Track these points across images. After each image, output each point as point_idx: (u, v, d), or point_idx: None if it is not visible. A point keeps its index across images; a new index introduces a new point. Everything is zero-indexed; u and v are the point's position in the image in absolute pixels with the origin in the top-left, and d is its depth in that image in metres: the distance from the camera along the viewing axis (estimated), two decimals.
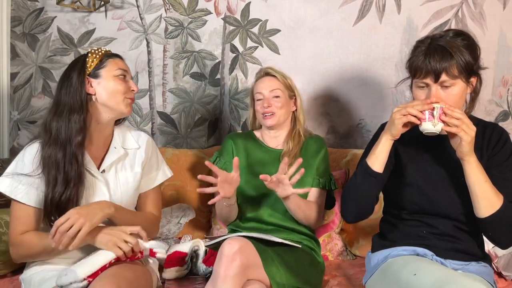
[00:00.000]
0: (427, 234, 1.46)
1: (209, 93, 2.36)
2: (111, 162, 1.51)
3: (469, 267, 1.41)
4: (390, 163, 1.48)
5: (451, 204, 1.43)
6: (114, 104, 1.49)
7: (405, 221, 1.50)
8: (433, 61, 1.36)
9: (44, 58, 2.33)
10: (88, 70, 1.48)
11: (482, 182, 1.34)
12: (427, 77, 1.38)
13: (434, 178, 1.46)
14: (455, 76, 1.36)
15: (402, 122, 1.37)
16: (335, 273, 1.80)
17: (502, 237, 1.41)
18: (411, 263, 1.34)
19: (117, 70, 1.50)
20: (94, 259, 1.34)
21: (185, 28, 2.33)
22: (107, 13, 2.32)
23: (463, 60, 1.36)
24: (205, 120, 2.38)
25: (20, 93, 2.34)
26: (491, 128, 1.48)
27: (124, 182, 1.53)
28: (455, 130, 1.31)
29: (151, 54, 2.34)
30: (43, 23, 2.32)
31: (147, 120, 2.37)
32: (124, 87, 1.50)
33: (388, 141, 1.42)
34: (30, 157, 1.43)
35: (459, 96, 1.39)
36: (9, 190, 1.41)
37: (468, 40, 1.40)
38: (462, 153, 1.33)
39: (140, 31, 2.33)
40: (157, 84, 2.35)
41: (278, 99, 1.79)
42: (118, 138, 1.56)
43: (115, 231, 1.38)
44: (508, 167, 1.42)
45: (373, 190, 1.48)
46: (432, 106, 1.33)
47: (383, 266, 1.44)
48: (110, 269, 1.32)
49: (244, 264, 1.34)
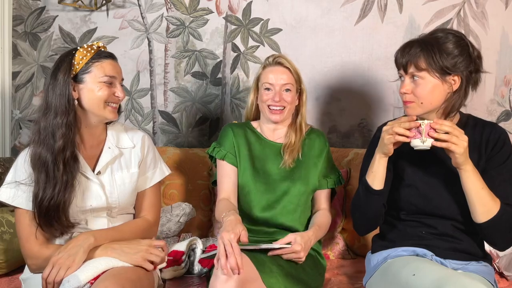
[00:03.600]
0: (426, 235, 1.46)
1: (211, 92, 2.36)
2: (106, 163, 1.49)
3: (469, 266, 1.41)
4: (389, 173, 1.48)
5: (450, 205, 1.43)
6: (96, 110, 1.44)
7: (404, 222, 1.50)
8: (402, 54, 1.43)
9: (45, 57, 2.33)
10: (73, 73, 1.42)
11: (479, 189, 1.34)
12: (400, 68, 1.45)
13: (432, 180, 1.46)
14: (422, 68, 1.39)
15: (391, 142, 1.38)
16: (336, 272, 1.80)
17: (499, 240, 1.41)
18: (411, 264, 1.34)
19: (103, 77, 1.43)
20: (96, 263, 1.34)
21: (186, 27, 2.33)
22: (109, 12, 2.32)
23: (433, 54, 1.37)
24: (206, 120, 2.37)
25: (22, 92, 2.34)
26: (490, 128, 1.47)
27: (121, 183, 1.51)
28: (445, 146, 1.30)
29: (153, 53, 2.34)
30: (45, 22, 2.32)
31: (149, 119, 2.36)
32: (107, 94, 1.43)
33: (382, 159, 1.44)
34: (22, 161, 1.43)
35: (429, 91, 1.40)
36: (10, 199, 1.41)
37: (456, 38, 1.40)
38: (457, 164, 1.33)
39: (141, 30, 2.33)
40: (159, 83, 2.35)
41: (289, 93, 1.70)
42: (112, 138, 1.53)
43: (142, 246, 1.40)
44: (506, 168, 1.41)
45: (377, 205, 1.49)
46: (418, 124, 1.33)
47: (383, 267, 1.44)
48: (113, 269, 1.33)
49: (242, 280, 1.31)
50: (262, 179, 1.68)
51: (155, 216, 1.59)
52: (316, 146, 1.76)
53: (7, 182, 1.44)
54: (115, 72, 1.46)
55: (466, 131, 1.39)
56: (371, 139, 1.61)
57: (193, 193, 2.06)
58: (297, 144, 1.72)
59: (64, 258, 1.32)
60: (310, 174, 1.70)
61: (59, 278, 1.29)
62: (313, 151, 1.75)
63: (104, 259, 1.36)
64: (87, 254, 1.36)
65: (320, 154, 1.76)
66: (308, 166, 1.72)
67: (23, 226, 1.41)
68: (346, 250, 2.00)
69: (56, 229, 1.41)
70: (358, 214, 1.54)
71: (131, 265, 1.37)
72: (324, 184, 1.75)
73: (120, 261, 1.37)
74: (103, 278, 1.28)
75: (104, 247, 1.39)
